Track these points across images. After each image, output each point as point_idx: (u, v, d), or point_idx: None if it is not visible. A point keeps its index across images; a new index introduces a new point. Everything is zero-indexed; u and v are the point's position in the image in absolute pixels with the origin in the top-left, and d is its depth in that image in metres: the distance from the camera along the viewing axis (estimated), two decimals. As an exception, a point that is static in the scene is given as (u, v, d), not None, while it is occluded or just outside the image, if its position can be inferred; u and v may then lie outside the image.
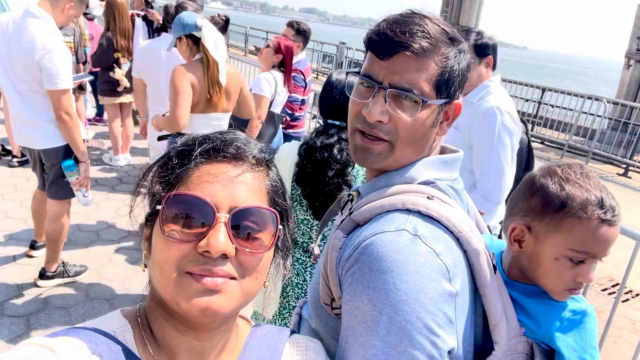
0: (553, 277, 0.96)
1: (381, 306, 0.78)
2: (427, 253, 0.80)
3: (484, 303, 0.89)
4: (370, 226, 0.87)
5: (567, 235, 0.93)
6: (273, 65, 3.99)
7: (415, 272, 0.78)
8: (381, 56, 0.90)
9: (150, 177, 0.73)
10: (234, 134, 0.75)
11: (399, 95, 0.89)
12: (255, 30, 19.82)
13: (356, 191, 1.02)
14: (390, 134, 0.91)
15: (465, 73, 0.95)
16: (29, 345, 0.60)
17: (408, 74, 0.88)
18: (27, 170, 5.07)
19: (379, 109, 0.89)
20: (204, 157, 0.70)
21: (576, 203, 0.91)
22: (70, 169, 3.04)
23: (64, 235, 3.28)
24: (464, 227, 0.87)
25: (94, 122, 7.03)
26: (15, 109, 2.97)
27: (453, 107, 0.96)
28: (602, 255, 0.94)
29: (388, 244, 0.81)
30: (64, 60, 2.84)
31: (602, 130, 9.81)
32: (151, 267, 0.71)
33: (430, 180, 0.94)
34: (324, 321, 0.97)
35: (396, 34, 0.87)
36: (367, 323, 0.79)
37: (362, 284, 0.80)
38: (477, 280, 0.88)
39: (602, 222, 0.91)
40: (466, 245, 0.87)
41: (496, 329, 0.89)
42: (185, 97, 2.77)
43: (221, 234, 0.65)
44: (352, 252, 0.84)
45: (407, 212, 0.86)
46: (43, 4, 2.86)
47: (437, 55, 0.89)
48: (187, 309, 0.65)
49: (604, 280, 4.44)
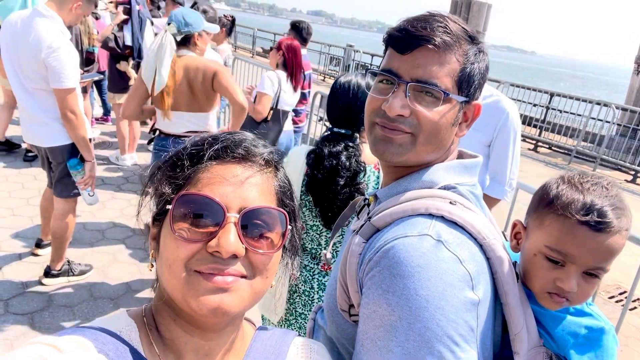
0: (530, 275, 0.94)
1: (400, 312, 0.76)
2: (450, 259, 0.79)
3: (506, 312, 0.87)
4: (392, 230, 0.85)
5: (545, 232, 0.91)
6: (277, 64, 4.08)
7: (438, 278, 0.76)
8: (402, 51, 0.90)
9: (159, 177, 0.73)
10: (242, 135, 0.75)
11: (421, 89, 0.88)
12: (262, 32, 19.88)
13: (373, 196, 1.00)
14: (413, 127, 0.90)
15: (485, 74, 0.94)
16: (35, 344, 0.60)
17: (430, 68, 0.88)
18: (34, 169, 5.10)
19: (400, 103, 0.88)
20: (214, 157, 0.71)
21: (561, 201, 0.89)
22: (76, 168, 3.05)
23: (69, 234, 3.29)
24: (488, 233, 0.86)
25: (100, 121, 7.07)
26: (23, 107, 2.99)
27: (472, 108, 0.95)
28: (585, 262, 0.88)
29: (410, 249, 0.79)
30: (71, 59, 2.85)
31: (611, 136, 9.74)
32: (159, 266, 0.71)
33: (451, 185, 0.92)
34: (341, 328, 0.95)
35: (417, 29, 0.88)
36: (385, 327, 0.77)
37: (382, 287, 0.79)
38: (500, 289, 0.86)
39: (581, 224, 0.86)
40: (490, 252, 0.85)
41: (517, 338, 0.87)
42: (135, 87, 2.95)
43: (231, 234, 0.65)
44: (373, 256, 0.83)
45: (430, 217, 0.84)
46: (50, 4, 2.88)
47: (458, 50, 0.89)
48: (196, 308, 0.65)
49: (612, 287, 4.40)
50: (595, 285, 0.92)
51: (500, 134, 2.51)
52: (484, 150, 2.59)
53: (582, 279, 0.89)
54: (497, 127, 2.51)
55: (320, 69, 16.28)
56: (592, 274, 0.90)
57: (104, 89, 6.45)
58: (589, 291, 0.92)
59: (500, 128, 2.50)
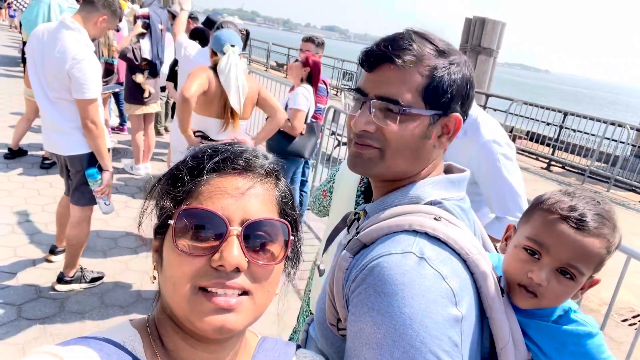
0: (506, 263, 1.00)
1: (385, 329, 0.77)
2: (432, 276, 0.79)
3: (491, 325, 0.88)
4: (377, 247, 0.86)
5: (529, 225, 0.97)
6: (301, 78, 4.23)
7: (421, 295, 0.77)
8: (367, 69, 0.94)
9: (159, 191, 0.73)
10: (242, 146, 0.75)
11: (383, 105, 0.91)
12: (277, 47, 20.10)
13: (363, 210, 1.01)
14: (380, 142, 0.92)
15: (462, 85, 0.94)
16: (39, 354, 0.60)
17: (391, 85, 0.90)
18: (50, 176, 5.19)
19: (364, 119, 0.92)
20: (214, 170, 0.70)
21: (550, 200, 0.96)
22: (94, 177, 3.10)
23: (84, 241, 3.33)
24: (472, 249, 0.86)
25: (117, 130, 7.18)
26: (45, 116, 3.06)
27: (453, 120, 0.95)
28: (558, 256, 0.92)
29: (394, 267, 0.80)
30: (94, 71, 2.92)
31: (625, 156, 9.63)
32: (163, 282, 0.70)
33: (437, 200, 0.93)
34: (330, 342, 0.96)
35: (380, 48, 0.92)
36: (371, 345, 0.78)
37: (367, 305, 0.80)
38: (485, 303, 0.87)
39: (562, 219, 0.92)
40: (474, 268, 0.86)
41: (503, 352, 0.88)
42: (196, 78, 2.98)
43: (234, 248, 0.65)
44: (359, 274, 0.84)
45: (414, 234, 0.85)
46: (77, 17, 2.97)
47: (421, 66, 0.90)
48: (200, 328, 0.65)
49: (625, 310, 4.32)
50: (568, 289, 0.94)
51: (481, 174, 2.10)
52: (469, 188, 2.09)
53: (554, 276, 0.93)
54: (474, 166, 2.04)
55: (333, 83, 16.39)
56: (566, 273, 0.93)
57: (122, 99, 6.57)
58: (560, 292, 0.94)
59: (477, 167, 2.08)
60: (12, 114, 7.23)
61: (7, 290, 3.23)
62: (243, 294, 0.67)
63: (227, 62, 3.08)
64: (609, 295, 2.77)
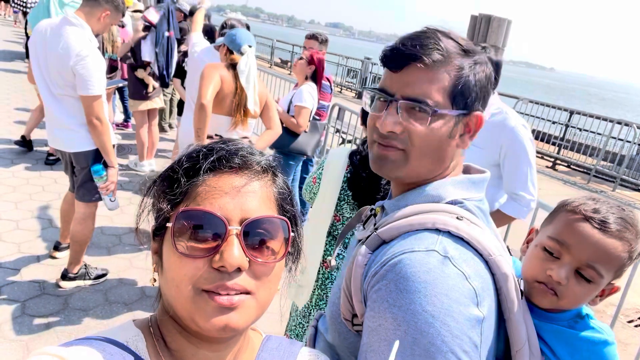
0: (527, 263, 1.01)
1: (406, 327, 0.77)
2: (456, 276, 0.79)
3: (508, 328, 0.88)
4: (399, 244, 0.85)
5: (552, 226, 0.99)
6: (306, 76, 4.23)
7: (444, 294, 0.77)
8: (393, 69, 0.92)
9: (155, 192, 0.73)
10: (237, 144, 0.74)
11: (412, 106, 0.90)
12: (281, 43, 20.07)
13: (380, 207, 1.01)
14: (405, 144, 0.92)
15: (485, 84, 0.95)
16: (41, 355, 0.60)
17: (419, 85, 0.89)
18: (55, 172, 5.20)
19: (392, 120, 0.90)
20: (210, 170, 0.69)
21: (575, 203, 0.97)
22: (99, 174, 3.10)
23: (88, 238, 3.33)
24: (494, 250, 0.86)
25: (121, 127, 7.18)
26: (49, 112, 3.05)
27: (474, 119, 0.95)
28: (579, 255, 0.92)
29: (417, 264, 0.79)
30: (98, 67, 2.91)
31: (631, 156, 9.57)
32: (164, 283, 0.70)
33: (458, 200, 0.92)
34: (343, 336, 0.96)
35: (407, 48, 0.90)
36: (390, 342, 0.78)
37: (388, 301, 0.79)
38: (504, 305, 0.87)
39: (585, 220, 0.93)
40: (495, 269, 0.85)
41: (519, 355, 0.88)
42: (210, 80, 2.97)
43: (235, 248, 0.64)
44: (379, 269, 0.83)
45: (437, 232, 0.85)
46: (79, 12, 2.96)
47: (449, 66, 0.90)
48: (204, 328, 0.65)
49: (631, 311, 4.29)
50: (587, 291, 0.94)
51: (509, 153, 2.45)
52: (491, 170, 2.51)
53: (574, 276, 0.94)
54: (504, 145, 2.45)
55: (338, 80, 16.36)
56: (585, 277, 0.93)
57: (126, 95, 6.58)
58: (579, 293, 0.94)
59: (507, 147, 2.44)
60: (16, 110, 7.25)
61: (11, 286, 3.24)
62: (245, 292, 0.67)
63: (246, 63, 3.10)
64: (615, 296, 2.74)
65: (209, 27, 5.23)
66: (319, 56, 4.30)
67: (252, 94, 3.14)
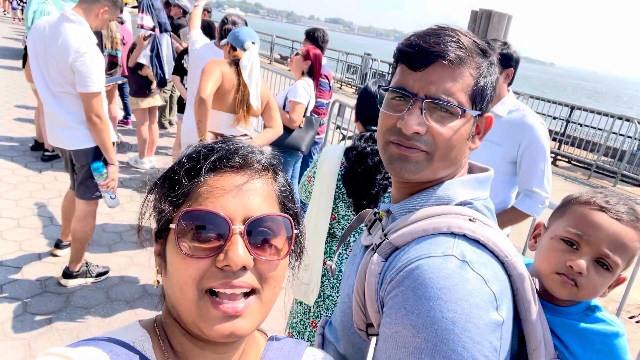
0: (543, 255, 1.02)
1: (426, 334, 0.75)
2: (475, 280, 0.77)
3: (525, 327, 0.87)
4: (414, 249, 0.83)
5: (566, 218, 1.00)
6: (302, 71, 4.20)
7: (464, 300, 0.75)
8: (415, 68, 0.88)
9: (157, 194, 0.72)
10: (237, 143, 0.74)
11: (436, 106, 0.87)
12: (281, 39, 20.02)
13: (385, 211, 0.98)
14: (429, 145, 0.88)
15: (496, 86, 0.94)
16: (48, 355, 0.60)
17: (445, 84, 0.86)
18: (55, 170, 5.19)
19: (416, 120, 0.86)
20: (211, 170, 0.69)
21: (586, 197, 1.00)
22: (99, 171, 3.09)
23: (89, 235, 3.33)
24: (510, 250, 0.85)
25: (121, 124, 7.16)
26: (48, 110, 3.04)
27: (484, 121, 0.95)
28: (598, 245, 0.94)
29: (435, 270, 0.77)
30: (97, 63, 2.90)
31: (632, 151, 9.56)
32: (168, 286, 0.69)
33: (467, 200, 0.91)
34: (357, 347, 0.95)
35: (430, 45, 0.86)
36: (409, 349, 0.76)
37: (405, 308, 0.78)
38: (520, 305, 0.86)
39: (601, 210, 0.95)
40: (512, 270, 0.84)
41: (535, 353, 0.88)
42: (210, 75, 2.96)
43: (239, 247, 0.64)
44: (395, 276, 0.82)
45: (453, 236, 0.83)
46: (77, 9, 2.94)
47: (471, 65, 0.88)
48: (209, 334, 0.65)
49: (633, 307, 4.29)
50: (605, 280, 0.96)
51: (527, 150, 2.46)
52: (507, 167, 2.54)
53: (593, 266, 0.95)
54: (523, 142, 2.47)
55: (338, 76, 16.32)
56: (603, 264, 0.95)
57: (126, 92, 6.56)
58: (598, 283, 0.95)
59: (526, 144, 2.46)
60: (16, 107, 7.23)
61: (12, 284, 3.23)
62: (250, 293, 0.67)
63: (249, 59, 3.09)
64: (617, 291, 2.74)
65: (207, 22, 5.21)
66: (315, 51, 4.25)
67: (255, 90, 3.13)
